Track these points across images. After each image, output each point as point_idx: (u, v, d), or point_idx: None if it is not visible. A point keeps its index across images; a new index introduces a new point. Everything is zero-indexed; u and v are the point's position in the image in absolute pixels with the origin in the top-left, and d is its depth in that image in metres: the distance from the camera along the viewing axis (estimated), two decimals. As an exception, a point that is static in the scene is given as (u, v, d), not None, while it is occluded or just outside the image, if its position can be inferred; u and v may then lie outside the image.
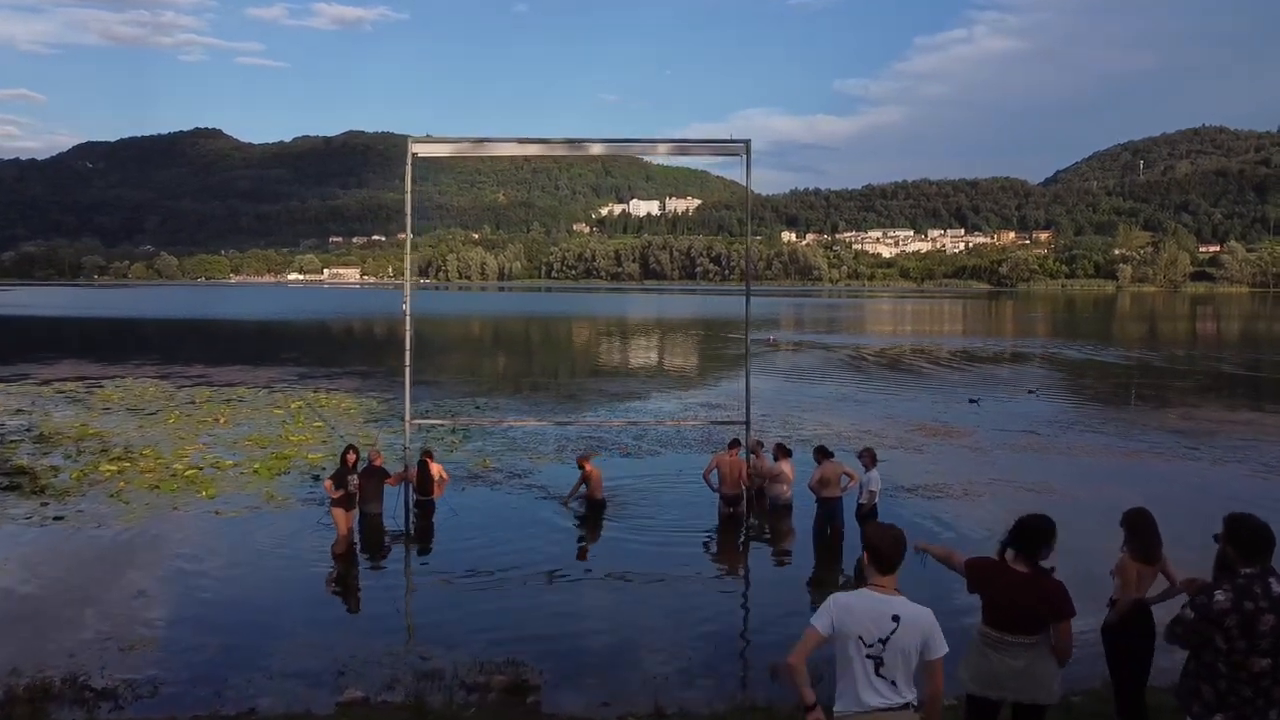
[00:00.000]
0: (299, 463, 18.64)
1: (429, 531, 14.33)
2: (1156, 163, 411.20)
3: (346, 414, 25.18)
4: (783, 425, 23.37)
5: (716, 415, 25.14)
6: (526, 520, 14.88)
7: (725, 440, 20.60)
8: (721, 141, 15.31)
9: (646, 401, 28.53)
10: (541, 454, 19.73)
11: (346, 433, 21.98)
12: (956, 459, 19.58)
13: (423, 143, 15.05)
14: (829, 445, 14.59)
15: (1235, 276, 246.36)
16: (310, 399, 28.11)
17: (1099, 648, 6.90)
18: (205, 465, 18.21)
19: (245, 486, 16.55)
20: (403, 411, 15.78)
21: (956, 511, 15.23)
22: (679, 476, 17.82)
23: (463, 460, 19.07)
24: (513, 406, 27.34)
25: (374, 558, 13.26)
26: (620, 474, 17.91)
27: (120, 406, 26.49)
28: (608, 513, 15.15)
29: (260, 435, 21.68)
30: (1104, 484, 17.07)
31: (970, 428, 23.47)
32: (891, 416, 25.35)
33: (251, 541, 13.37)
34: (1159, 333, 70.31)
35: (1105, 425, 24.12)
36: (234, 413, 25.30)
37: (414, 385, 16.25)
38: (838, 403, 28.38)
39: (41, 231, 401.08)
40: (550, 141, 15.13)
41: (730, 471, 14.58)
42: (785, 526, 14.74)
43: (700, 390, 31.79)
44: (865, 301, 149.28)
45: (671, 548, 13.58)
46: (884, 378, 36.06)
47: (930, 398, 29.64)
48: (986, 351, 49.28)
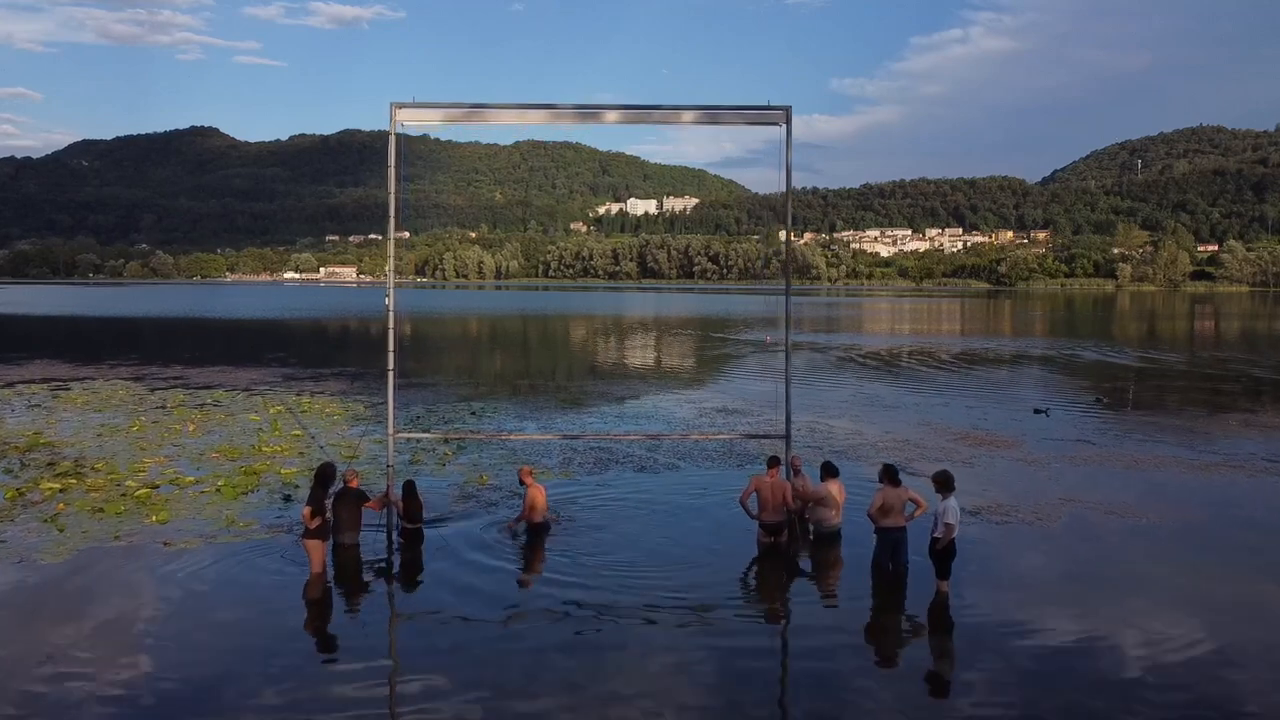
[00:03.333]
0: (270, 479, 16.42)
1: (416, 565, 12.16)
2: (1154, 162, 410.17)
3: (329, 420, 22.92)
4: (809, 434, 21.18)
5: (737, 422, 22.96)
6: (529, 550, 12.71)
7: (753, 452, 18.61)
8: (757, 108, 13.13)
9: (657, 405, 26.30)
10: (545, 467, 17.53)
11: (328, 442, 19.81)
12: (1012, 474, 17.40)
13: (409, 108, 12.86)
14: (895, 464, 12.20)
15: (1235, 276, 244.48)
16: (292, 403, 25.90)
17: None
18: (162, 482, 16.00)
19: (204, 509, 14.33)
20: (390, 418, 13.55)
21: (1035, 543, 13.03)
22: (704, 495, 15.65)
23: (455, 476, 16.87)
24: (511, 411, 25.11)
25: (351, 600, 11.06)
26: (635, 492, 15.75)
27: (84, 411, 24.25)
28: (630, 536, 13.01)
29: (231, 445, 19.45)
30: (1190, 505, 14.94)
31: (1016, 436, 21.29)
32: (927, 423, 23.17)
33: (203, 582, 11.18)
34: (1174, 333, 68.20)
35: (1163, 433, 21.94)
36: (206, 419, 23.06)
37: (406, 388, 14.08)
38: (864, 408, 26.18)
39: (36, 230, 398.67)
40: (557, 108, 12.95)
41: (772, 495, 12.41)
42: (832, 557, 12.60)
43: (712, 393, 29.59)
44: (865, 301, 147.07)
45: (701, 582, 11.43)
46: (906, 380, 33.87)
47: (963, 402, 27.47)
48: (1002, 353, 47.13)
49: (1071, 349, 48.59)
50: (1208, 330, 70.94)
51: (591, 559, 12.24)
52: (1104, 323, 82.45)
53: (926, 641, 10.10)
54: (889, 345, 50.65)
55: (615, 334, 62.59)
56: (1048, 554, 12.54)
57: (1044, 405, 25.88)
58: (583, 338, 60.11)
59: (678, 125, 15.30)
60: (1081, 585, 11.32)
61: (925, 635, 10.19)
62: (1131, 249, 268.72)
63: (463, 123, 13.04)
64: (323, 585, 11.14)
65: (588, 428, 22.17)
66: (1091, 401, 27.05)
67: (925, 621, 10.45)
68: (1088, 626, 10.06)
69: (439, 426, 22.13)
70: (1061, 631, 9.93)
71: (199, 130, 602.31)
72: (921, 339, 57.02)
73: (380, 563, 12.15)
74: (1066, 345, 51.35)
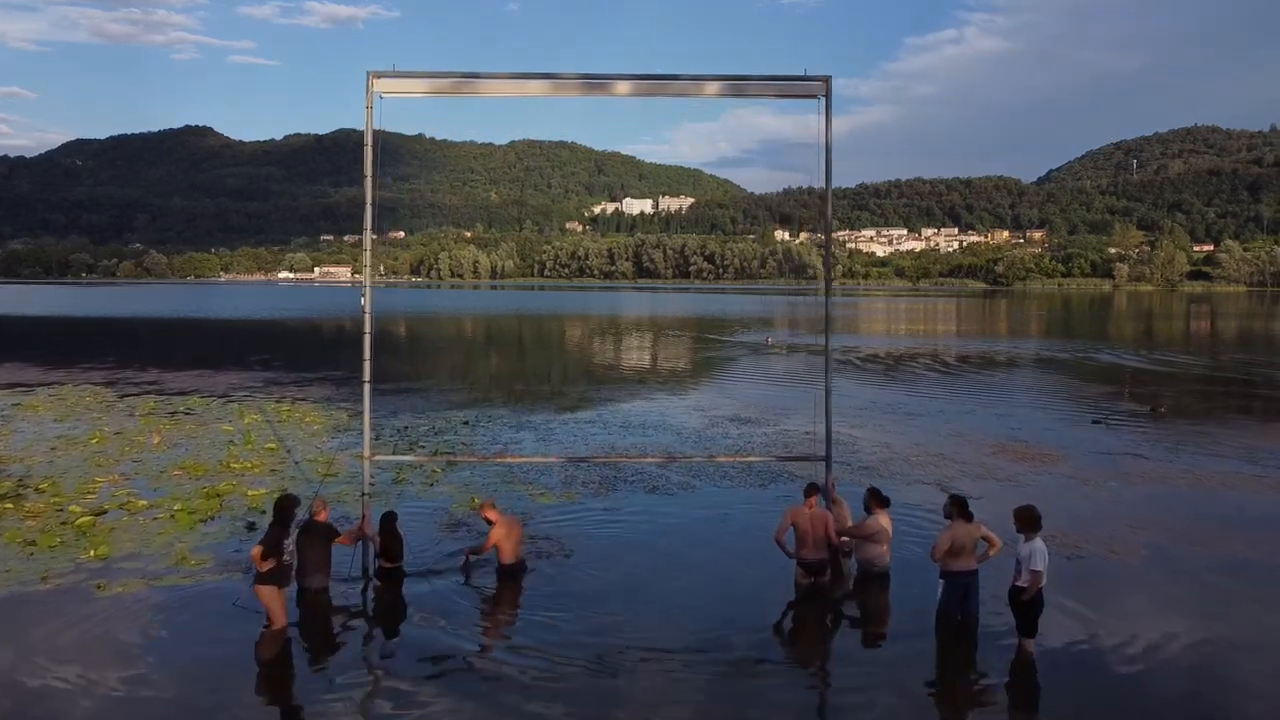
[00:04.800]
0: (234, 501, 14.55)
1: (398, 611, 10.33)
2: (1149, 162, 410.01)
3: (308, 432, 21.01)
4: (834, 446, 19.33)
5: (753, 434, 21.09)
6: (529, 587, 10.88)
7: (775, 469, 16.47)
8: (791, 78, 11.33)
9: (664, 414, 24.41)
10: (545, 488, 15.69)
11: (303, 457, 17.95)
12: (1067, 494, 15.58)
13: (389, 78, 11.03)
14: (962, 494, 10.19)
15: (1233, 275, 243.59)
16: (269, 411, 24.00)
17: None
18: (111, 506, 14.13)
19: (152, 540, 12.47)
20: (376, 425, 11.70)
21: (1121, 584, 11.19)
22: (725, 522, 13.81)
23: (445, 498, 15.01)
24: (507, 419, 23.21)
25: (318, 657, 9.21)
26: (646, 520, 13.92)
27: (42, 421, 22.35)
28: (641, 578, 11.19)
29: (196, 461, 17.57)
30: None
31: (1059, 449, 19.49)
32: (959, 434, 21.34)
33: (134, 639, 9.32)
34: (1184, 334, 66.55)
35: (1217, 445, 20.14)
36: (174, 429, 21.16)
37: (396, 393, 12.39)
38: (884, 416, 24.33)
39: (30, 229, 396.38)
40: (559, 77, 11.12)
41: (812, 529, 10.59)
42: (881, 602, 10.78)
43: (720, 398, 27.67)
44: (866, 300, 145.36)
45: (727, 632, 9.64)
46: (921, 385, 32.08)
47: (991, 410, 25.65)
48: (1013, 355, 45.39)
49: (1084, 351, 46.82)
50: (1218, 331, 69.30)
51: (596, 608, 10.40)
52: (1109, 324, 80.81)
53: (1008, 715, 8.31)
54: (892, 347, 48.88)
55: (613, 335, 60.73)
56: (1142, 598, 10.71)
57: (1100, 416, 24.03)
58: (580, 339, 58.24)
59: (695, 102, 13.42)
60: (1201, 646, 9.46)
61: (1007, 708, 8.39)
62: (1128, 249, 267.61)
63: (451, 94, 11.23)
64: (282, 642, 9.29)
65: (591, 439, 20.30)
66: (1146, 411, 24.95)
67: (1005, 687, 8.65)
68: (1238, 703, 8.27)
69: (428, 439, 20.25)
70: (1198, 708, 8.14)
71: (193, 129, 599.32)
72: (926, 340, 55.26)
73: (354, 610, 10.31)
74: (1078, 347, 49.58)
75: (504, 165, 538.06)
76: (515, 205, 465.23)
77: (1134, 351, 46.70)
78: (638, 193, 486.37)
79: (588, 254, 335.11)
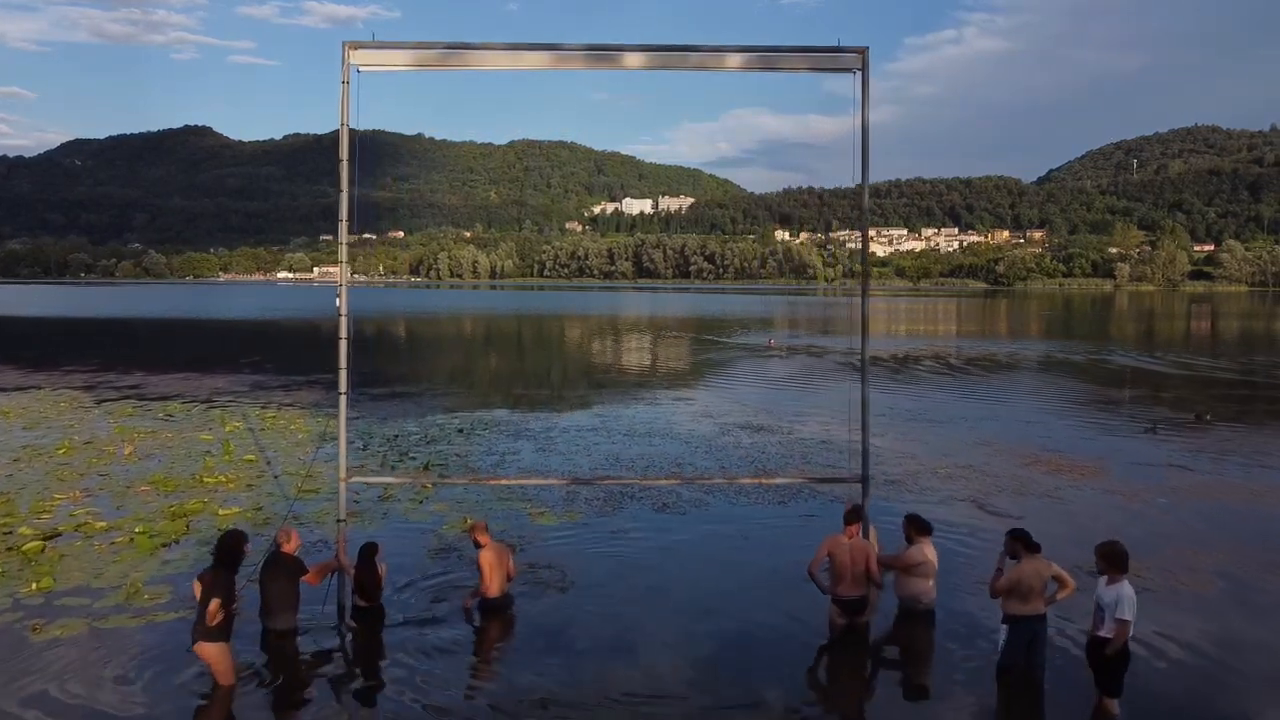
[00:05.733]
0: (202, 523, 13.23)
1: (374, 657, 9.03)
2: (1149, 162, 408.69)
3: (292, 441, 19.68)
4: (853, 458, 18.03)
5: (767, 442, 19.70)
6: (526, 625, 9.57)
7: (794, 484, 14.88)
8: (824, 50, 10.02)
9: (670, 421, 23.07)
10: (546, 505, 14.38)
11: (284, 470, 16.65)
12: (1112, 512, 14.27)
13: (367, 48, 9.72)
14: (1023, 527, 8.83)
15: (1234, 275, 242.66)
16: (253, 418, 22.68)
17: None
18: (67, 528, 12.83)
19: (106, 569, 11.15)
20: (365, 434, 10.40)
21: (1201, 624, 9.85)
22: (745, 545, 12.50)
23: (435, 518, 13.70)
24: (505, 426, 21.87)
25: (282, 713, 7.91)
26: (655, 543, 12.60)
27: (10, 429, 21.03)
28: (649, 616, 9.89)
29: (167, 475, 16.25)
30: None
31: (1095, 460, 18.17)
32: (986, 443, 20.02)
33: (64, 697, 8.00)
34: (1196, 335, 65.28)
35: (1265, 455, 18.81)
36: (149, 439, 19.83)
37: (388, 398, 11.28)
38: (905, 423, 22.97)
39: (29, 229, 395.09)
40: (562, 48, 9.80)
41: (851, 562, 9.27)
42: (927, 646, 9.46)
43: (727, 403, 26.29)
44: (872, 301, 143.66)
45: (750, 684, 8.34)
46: (936, 389, 30.77)
47: (1015, 415, 24.34)
48: (1025, 357, 44.13)
49: (1096, 353, 45.52)
50: (1231, 332, 68.01)
51: (600, 655, 9.10)
52: (1117, 324, 79.50)
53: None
54: (898, 349, 47.55)
55: (614, 336, 59.41)
56: (1228, 640, 9.39)
57: (1153, 423, 22.60)
58: (581, 340, 56.91)
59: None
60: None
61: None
62: (1129, 249, 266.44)
63: (437, 67, 9.92)
64: (228, 706, 7.95)
65: (594, 449, 18.97)
66: (1191, 419, 23.48)
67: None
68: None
69: (419, 449, 18.93)
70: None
71: (192, 129, 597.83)
72: (931, 341, 53.88)
73: (325, 655, 9.00)
74: (1090, 349, 48.28)
75: (503, 165, 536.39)
76: (515, 205, 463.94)
77: (1149, 354, 45.39)
78: (637, 193, 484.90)
79: (587, 254, 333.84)
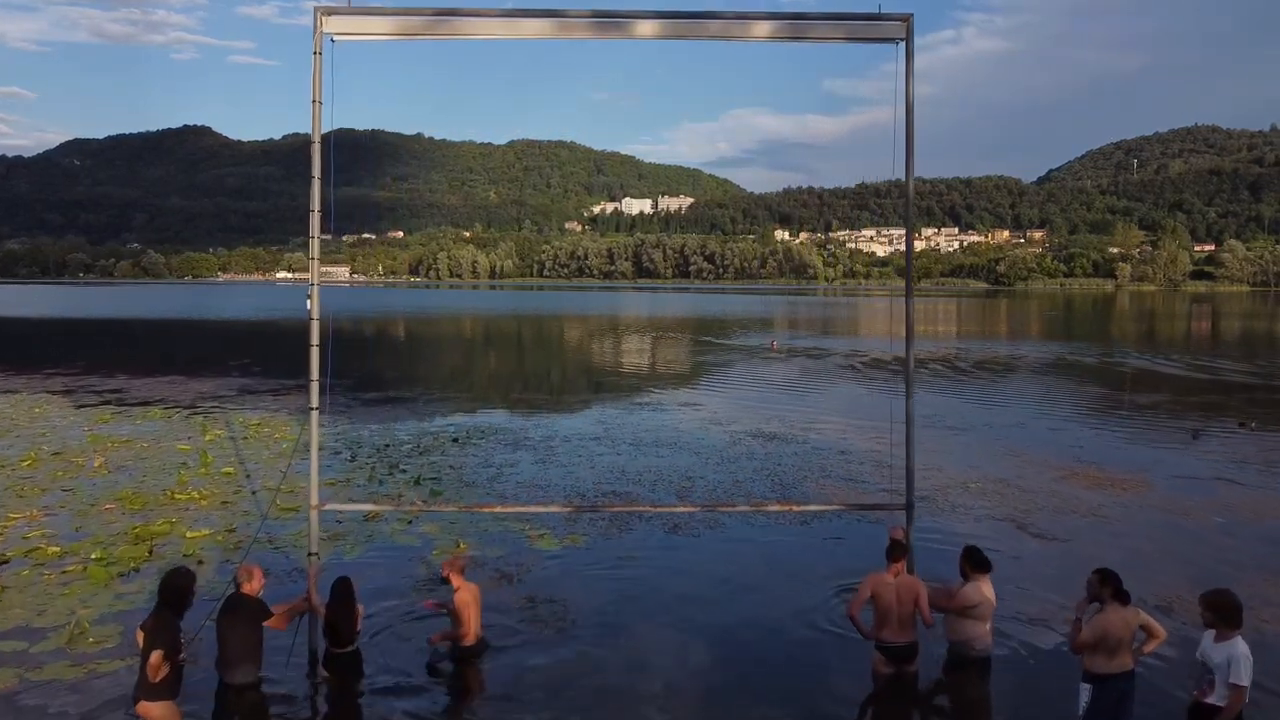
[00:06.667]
0: (167, 547, 12.01)
1: (350, 710, 7.82)
2: (1149, 162, 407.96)
3: (276, 451, 18.45)
4: (874, 471, 16.84)
5: (782, 451, 18.44)
6: (521, 674, 8.34)
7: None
8: (863, 18, 8.78)
9: (677, 429, 21.84)
10: (546, 526, 13.14)
11: (263, 485, 15.42)
12: (1169, 535, 13.02)
13: (342, 14, 8.49)
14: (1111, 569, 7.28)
15: (1236, 275, 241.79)
16: (237, 426, 21.44)
17: None
18: (17, 553, 11.59)
19: (52, 603, 9.91)
20: (354, 443, 9.19)
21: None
22: (768, 576, 11.25)
23: (424, 541, 12.48)
24: (503, 435, 20.63)
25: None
26: (665, 572, 11.36)
27: (-22, 437, 19.82)
28: (668, 649, 8.67)
29: (137, 490, 15.02)
30: None
31: (1135, 471, 16.94)
32: (1014, 453, 18.79)
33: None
34: (1209, 337, 64.05)
35: (1315, 467, 17.64)
36: (123, 449, 18.58)
37: (380, 403, 10.28)
38: (924, 430, 21.53)
39: (27, 229, 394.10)
40: (565, 14, 8.61)
41: (899, 604, 8.03)
42: (983, 699, 8.24)
43: (735, 408, 25.02)
44: (869, 301, 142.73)
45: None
46: (952, 393, 29.52)
47: (1043, 423, 23.09)
48: (1039, 359, 42.90)
49: (1110, 356, 44.30)
50: (1243, 333, 66.80)
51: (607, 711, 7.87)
52: (1124, 325, 78.26)
53: None
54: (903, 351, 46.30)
55: (615, 337, 58.16)
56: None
57: (1198, 428, 21.59)
58: (581, 342, 55.67)
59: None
60: None
61: None
62: (1130, 249, 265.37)
63: (424, 35, 8.69)
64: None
65: (598, 461, 17.71)
66: (1235, 427, 22.18)
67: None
68: None
69: (410, 460, 17.69)
70: None
71: (192, 129, 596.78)
72: (936, 342, 52.63)
73: (292, 712, 7.77)
74: (1103, 351, 47.07)
75: (503, 165, 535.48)
76: (514, 205, 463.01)
77: (1165, 356, 44.15)
78: (637, 192, 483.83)
79: (587, 254, 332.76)
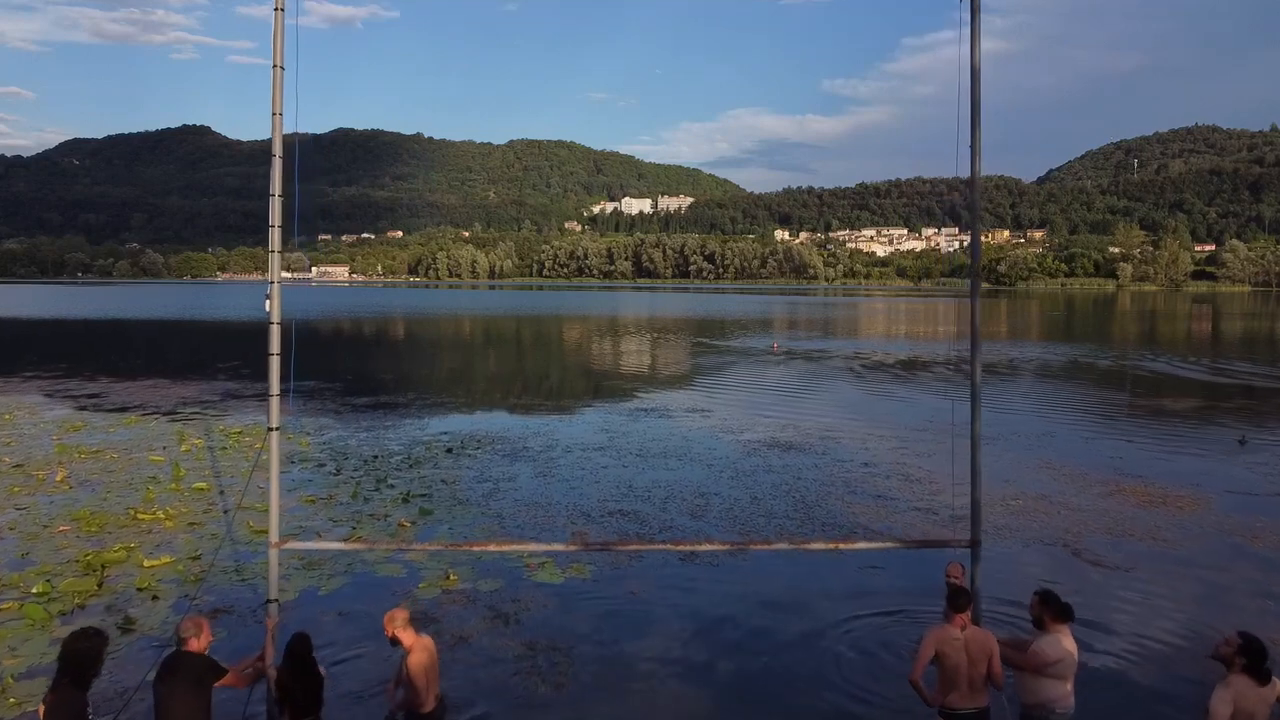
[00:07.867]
0: (120, 578, 10.68)
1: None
2: (1150, 162, 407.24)
3: (255, 461, 17.16)
4: (904, 487, 15.53)
5: (799, 463, 17.06)
6: None
7: (840, 522, 12.20)
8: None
9: (687, 438, 20.53)
10: (548, 555, 11.83)
11: (237, 503, 14.08)
12: (1236, 561, 11.71)
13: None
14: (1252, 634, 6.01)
15: (1237, 275, 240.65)
16: (216, 435, 20.12)
17: None
18: (-50, 586, 10.30)
19: (-24, 652, 8.62)
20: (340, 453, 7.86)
21: None
22: (800, 609, 9.91)
23: (410, 571, 11.15)
24: (501, 445, 19.32)
25: None
26: (682, 605, 10.02)
27: (-62, 447, 18.50)
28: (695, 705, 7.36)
29: (97, 509, 13.71)
30: None
31: (1184, 486, 15.63)
32: (1050, 465, 17.47)
33: None
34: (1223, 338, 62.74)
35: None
36: (89, 460, 17.27)
37: (372, 408, 9.30)
38: (945, 438, 20.38)
39: (26, 228, 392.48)
40: None
41: (970, 664, 6.69)
42: (1068, 771, 6.93)
43: (745, 415, 23.70)
44: (871, 302, 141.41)
45: None
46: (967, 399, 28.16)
47: (1076, 432, 21.77)
48: (1054, 362, 41.58)
49: (1127, 358, 42.99)
50: (1250, 333, 65.48)
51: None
52: (1133, 326, 76.95)
53: None
54: (907, 352, 45.03)
55: (616, 339, 56.83)
56: None
57: (1243, 434, 20.52)
58: (582, 344, 54.32)
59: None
60: None
61: None
62: (1130, 249, 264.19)
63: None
64: None
65: (602, 475, 16.37)
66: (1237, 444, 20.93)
67: None
68: None
69: (399, 474, 16.37)
70: None
71: (191, 129, 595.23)
72: (940, 344, 51.35)
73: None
74: (1119, 354, 45.76)
75: (502, 164, 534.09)
76: (514, 205, 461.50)
77: (1183, 358, 42.77)
78: (636, 192, 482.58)
79: (587, 254, 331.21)
